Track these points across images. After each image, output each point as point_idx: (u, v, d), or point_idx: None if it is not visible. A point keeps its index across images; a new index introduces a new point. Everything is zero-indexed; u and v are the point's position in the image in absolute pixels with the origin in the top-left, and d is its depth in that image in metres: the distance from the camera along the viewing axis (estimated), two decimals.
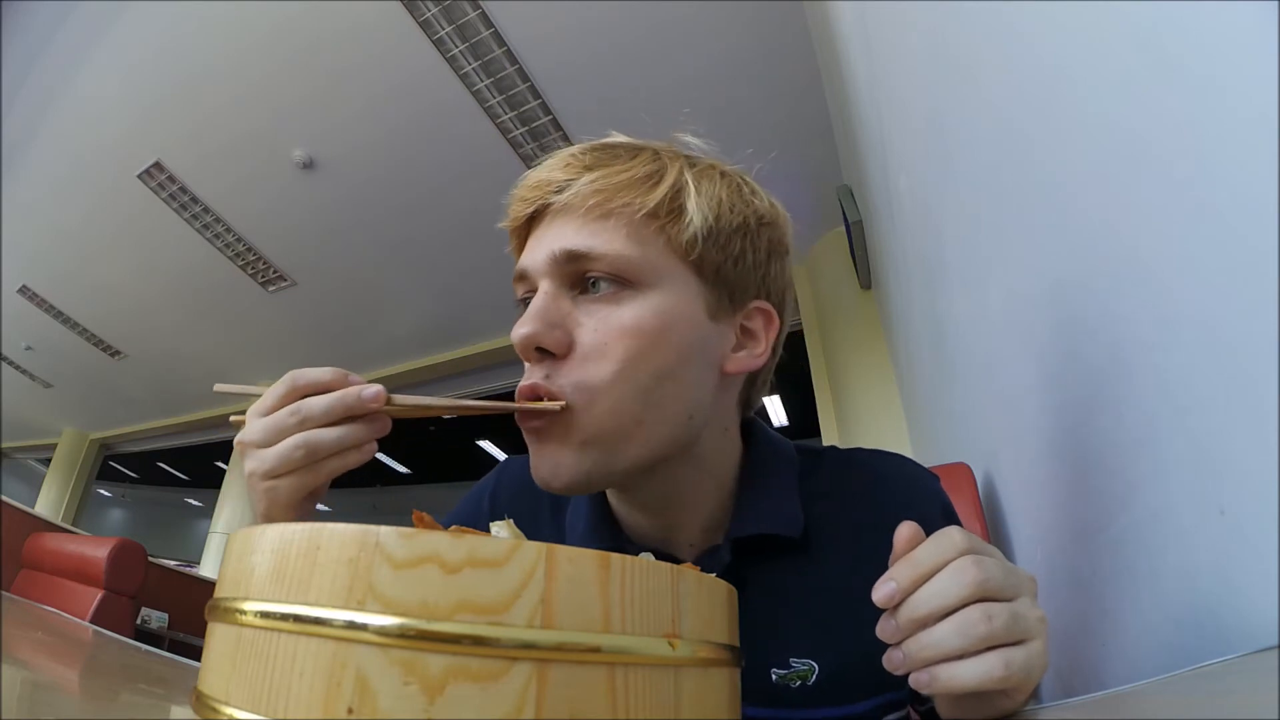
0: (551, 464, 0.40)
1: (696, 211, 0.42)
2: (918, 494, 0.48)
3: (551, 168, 0.43)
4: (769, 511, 0.45)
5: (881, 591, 0.30)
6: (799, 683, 0.42)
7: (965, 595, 0.28)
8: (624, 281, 0.40)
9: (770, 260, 0.46)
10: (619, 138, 0.47)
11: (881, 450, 0.52)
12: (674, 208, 0.41)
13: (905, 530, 0.32)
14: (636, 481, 0.44)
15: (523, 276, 0.44)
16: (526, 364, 0.42)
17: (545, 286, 0.41)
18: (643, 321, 0.40)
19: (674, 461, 0.43)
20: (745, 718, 0.41)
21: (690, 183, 0.42)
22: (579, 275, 0.41)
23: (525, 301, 0.44)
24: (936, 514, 0.47)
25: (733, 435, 0.48)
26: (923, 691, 0.29)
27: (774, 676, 0.42)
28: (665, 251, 0.41)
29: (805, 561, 0.45)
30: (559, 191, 0.42)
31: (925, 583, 0.29)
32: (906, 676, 0.30)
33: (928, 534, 0.44)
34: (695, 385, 0.42)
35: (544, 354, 0.40)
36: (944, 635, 0.28)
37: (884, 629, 0.30)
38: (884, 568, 0.36)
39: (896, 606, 0.30)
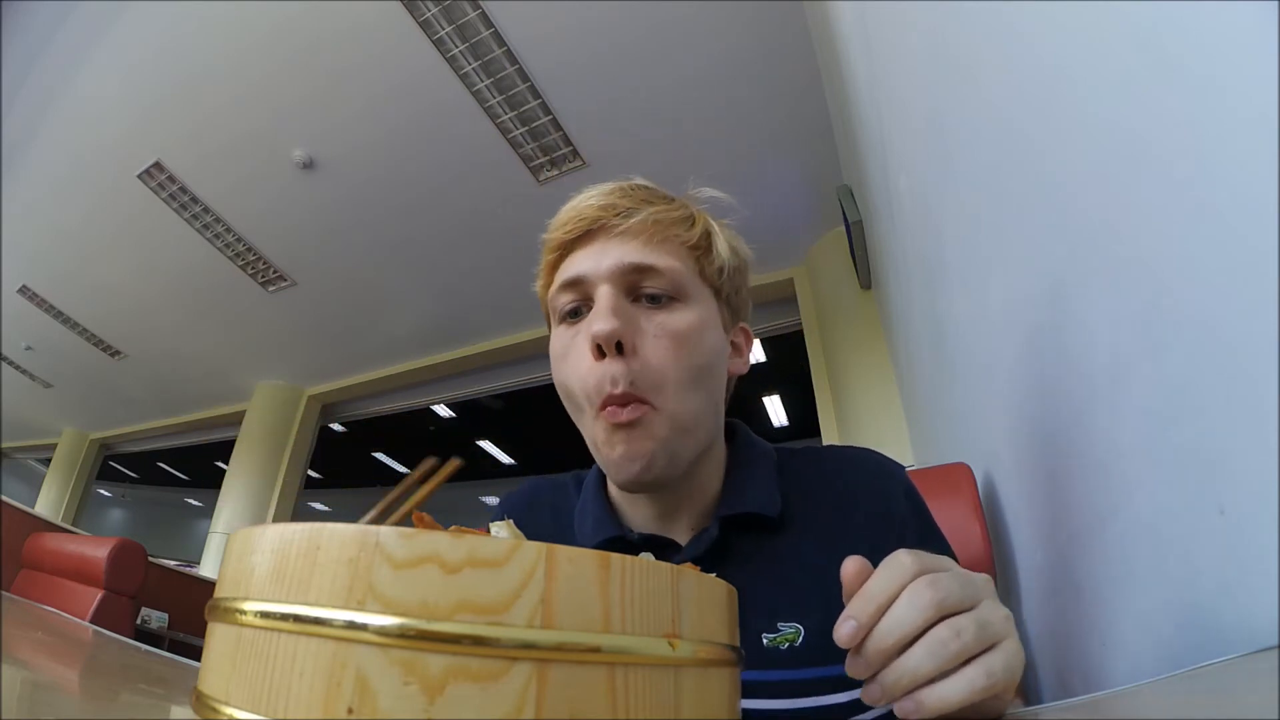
0: (642, 457, 0.45)
1: (723, 249, 0.52)
2: (881, 477, 0.53)
3: (612, 196, 0.50)
4: (751, 495, 0.51)
5: (843, 631, 0.30)
6: (787, 645, 0.46)
7: (926, 618, 0.28)
8: (674, 294, 0.48)
9: (748, 294, 0.57)
10: (644, 181, 0.54)
11: (855, 446, 0.58)
12: (705, 244, 0.51)
13: (851, 565, 0.31)
14: (684, 470, 0.48)
15: (577, 283, 0.49)
16: (591, 359, 0.46)
17: (609, 290, 0.47)
18: (691, 326, 0.48)
19: (703, 451, 0.50)
20: (741, 681, 0.42)
21: (715, 227, 0.53)
22: (635, 285, 0.48)
23: (574, 309, 0.50)
24: (899, 493, 0.52)
25: (721, 431, 0.55)
26: (911, 719, 0.29)
27: (765, 641, 0.46)
28: (697, 276, 0.50)
29: (784, 538, 0.50)
30: (624, 216, 0.49)
31: (884, 614, 0.29)
32: None
33: (890, 513, 0.50)
34: (719, 385, 0.51)
35: (617, 349, 0.45)
36: (918, 661, 0.28)
37: (854, 666, 0.30)
38: (851, 541, 0.46)
39: (861, 642, 0.30)
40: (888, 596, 0.29)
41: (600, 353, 0.46)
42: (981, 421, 0.98)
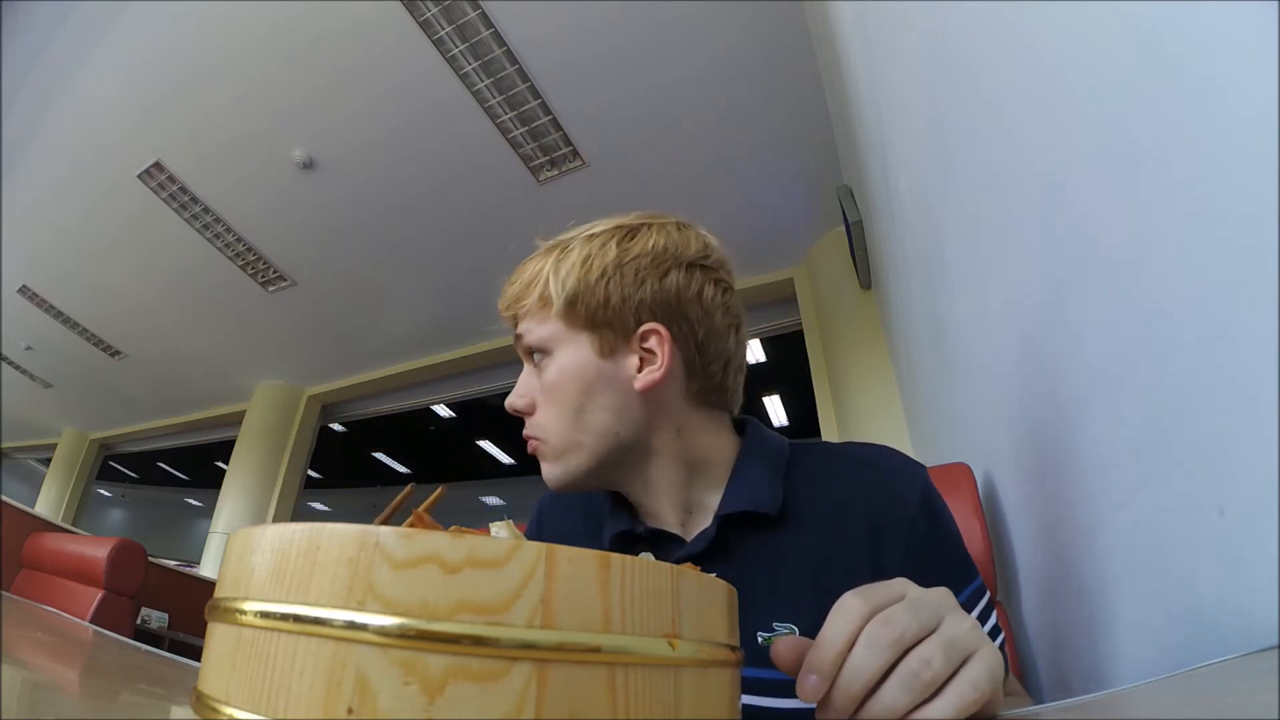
0: (547, 473, 0.56)
1: (555, 286, 0.55)
2: (894, 476, 0.52)
3: (510, 287, 0.59)
4: (751, 493, 0.52)
5: (807, 686, 0.29)
6: None
7: (888, 658, 0.28)
8: (542, 352, 0.55)
9: (643, 287, 0.53)
10: (548, 240, 0.60)
11: (875, 443, 0.56)
12: (544, 293, 0.55)
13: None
14: (609, 478, 0.55)
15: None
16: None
17: (524, 368, 0.59)
18: (553, 377, 0.54)
19: (633, 459, 0.54)
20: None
21: (548, 269, 0.55)
22: (529, 351, 0.57)
23: None
24: (913, 495, 0.50)
25: (690, 433, 0.55)
26: None
27: (760, 639, 0.47)
28: (555, 322, 0.55)
29: (783, 536, 0.51)
30: (509, 306, 0.59)
31: (844, 662, 0.28)
32: None
33: (898, 514, 0.50)
34: (611, 409, 0.53)
35: (520, 412, 0.57)
36: (894, 697, 0.27)
37: (825, 717, 0.29)
38: (849, 540, 0.50)
39: (828, 694, 0.29)
40: (844, 644, 0.29)
41: None
42: (981, 421, 0.98)
